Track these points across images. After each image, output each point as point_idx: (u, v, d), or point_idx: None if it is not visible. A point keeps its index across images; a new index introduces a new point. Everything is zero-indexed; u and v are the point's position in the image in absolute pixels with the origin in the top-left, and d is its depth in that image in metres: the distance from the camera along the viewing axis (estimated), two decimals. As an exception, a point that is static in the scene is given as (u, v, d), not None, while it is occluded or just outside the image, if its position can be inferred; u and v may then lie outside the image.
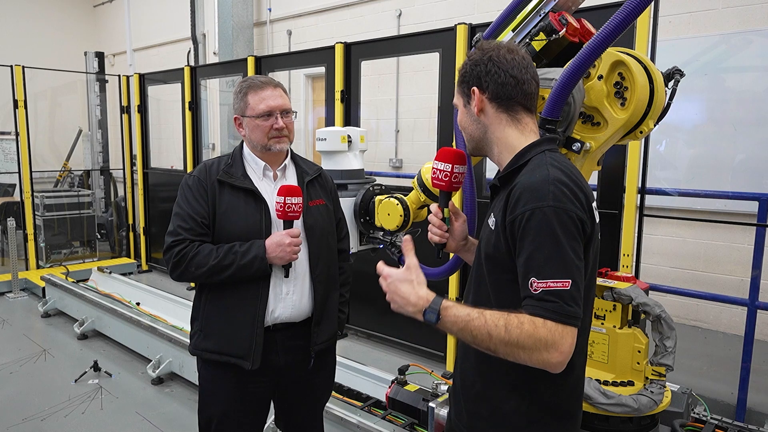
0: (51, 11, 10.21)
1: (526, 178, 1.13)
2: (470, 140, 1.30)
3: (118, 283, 5.03)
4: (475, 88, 1.24)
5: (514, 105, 1.24)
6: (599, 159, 1.65)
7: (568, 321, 1.04)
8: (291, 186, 1.71)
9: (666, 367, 1.80)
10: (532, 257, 1.06)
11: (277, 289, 1.75)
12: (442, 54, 3.66)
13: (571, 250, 1.06)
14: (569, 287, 1.04)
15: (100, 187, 7.54)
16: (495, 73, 1.22)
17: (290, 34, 7.23)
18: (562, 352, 1.04)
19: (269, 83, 1.77)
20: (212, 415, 1.80)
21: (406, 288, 1.18)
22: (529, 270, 1.07)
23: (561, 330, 1.03)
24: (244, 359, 1.70)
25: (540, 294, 1.05)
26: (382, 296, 1.25)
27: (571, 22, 1.57)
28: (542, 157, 1.18)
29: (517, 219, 1.10)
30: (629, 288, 1.86)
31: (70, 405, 3.25)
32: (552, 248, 1.05)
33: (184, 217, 1.71)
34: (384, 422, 2.54)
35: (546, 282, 1.04)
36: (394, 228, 2.12)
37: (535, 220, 1.07)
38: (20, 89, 5.77)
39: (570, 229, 1.07)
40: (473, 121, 1.27)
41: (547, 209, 1.07)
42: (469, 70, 1.26)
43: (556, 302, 1.04)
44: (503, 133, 1.24)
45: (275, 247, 1.67)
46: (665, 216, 3.88)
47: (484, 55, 1.24)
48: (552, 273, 1.05)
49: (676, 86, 1.63)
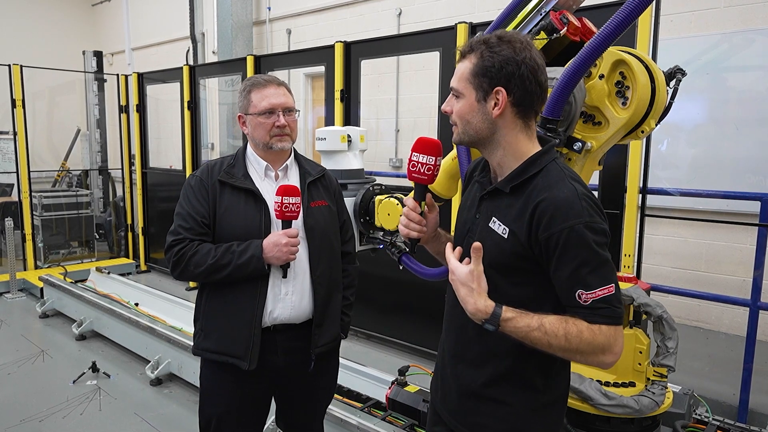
0: (49, 10, 10.18)
1: (555, 193, 1.13)
2: (472, 135, 1.22)
3: (116, 283, 5.02)
4: (503, 89, 1.16)
5: (531, 113, 1.21)
6: (600, 159, 1.64)
7: (620, 322, 1.14)
8: (289, 186, 1.70)
9: (668, 367, 1.79)
10: (577, 272, 1.12)
11: (276, 290, 1.74)
12: (442, 53, 3.65)
13: (606, 257, 1.14)
14: (614, 291, 1.12)
15: (99, 187, 7.52)
16: (527, 77, 1.15)
17: (290, 33, 7.21)
18: (615, 353, 1.14)
19: (272, 81, 1.79)
20: (212, 414, 1.81)
21: (464, 292, 1.18)
22: (574, 284, 1.12)
23: (614, 332, 1.13)
24: (241, 359, 1.70)
25: (591, 304, 1.11)
26: (382, 296, 1.25)
27: (572, 21, 1.57)
28: (555, 168, 1.18)
29: (554, 236, 1.12)
30: (631, 288, 1.85)
31: (69, 406, 3.23)
32: (594, 261, 1.11)
33: (185, 217, 1.72)
34: (384, 423, 2.53)
35: (595, 292, 1.11)
36: (394, 228, 2.11)
37: (574, 237, 1.11)
38: (18, 88, 5.75)
39: (602, 239, 1.13)
40: (485, 120, 1.19)
41: (583, 225, 1.11)
42: (497, 66, 1.15)
43: (607, 307, 1.12)
44: (515, 139, 1.21)
45: (272, 246, 1.67)
46: (667, 216, 3.86)
47: (518, 55, 1.15)
48: (598, 283, 1.11)
49: (678, 85, 1.63)
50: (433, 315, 3.79)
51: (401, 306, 4.07)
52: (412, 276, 2.12)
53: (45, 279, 4.99)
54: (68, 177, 7.80)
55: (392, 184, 3.28)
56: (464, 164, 1.66)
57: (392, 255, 2.18)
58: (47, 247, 6.16)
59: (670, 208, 4.00)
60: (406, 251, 2.16)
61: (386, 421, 2.59)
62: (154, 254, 6.52)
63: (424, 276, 2.05)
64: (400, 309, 4.09)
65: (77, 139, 8.16)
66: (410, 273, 2.11)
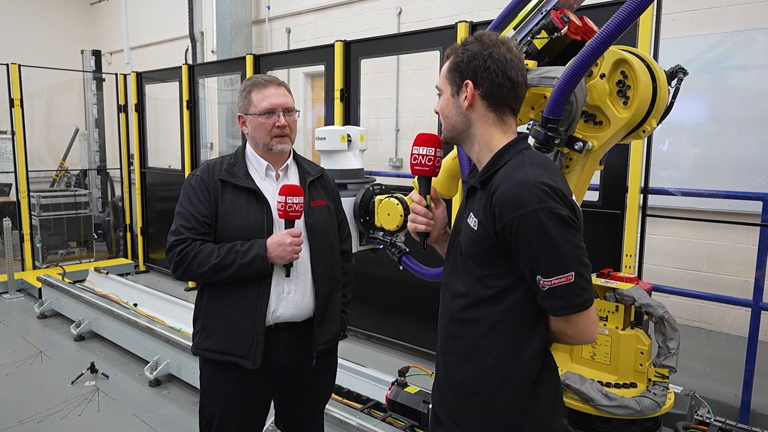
0: (47, 9, 10.16)
1: (507, 182, 1.15)
2: (450, 130, 1.29)
3: (115, 283, 5.01)
4: (470, 81, 1.22)
5: (504, 106, 1.24)
6: (602, 158, 1.63)
7: (583, 308, 1.15)
8: (292, 185, 1.72)
9: (669, 368, 1.78)
10: (533, 259, 1.13)
11: (278, 289, 1.75)
12: (442, 52, 3.62)
13: (565, 243, 1.11)
14: (573, 279, 1.12)
15: (97, 186, 7.50)
16: (493, 71, 1.21)
17: (289, 32, 7.19)
18: (589, 338, 1.20)
19: (273, 82, 1.80)
20: (213, 414, 1.81)
21: None
22: (533, 270, 1.13)
23: (583, 318, 1.16)
24: (245, 358, 1.71)
25: (548, 291, 1.13)
26: (382, 297, 1.24)
27: (573, 20, 1.56)
28: (519, 158, 1.19)
29: (507, 225, 1.14)
30: (632, 289, 1.84)
31: (67, 407, 3.22)
32: (548, 248, 1.11)
33: (186, 217, 1.73)
34: (384, 424, 2.53)
35: (551, 280, 1.12)
36: (394, 228, 2.10)
37: (525, 225, 1.11)
38: (16, 88, 5.74)
39: (559, 224, 1.11)
40: (458, 113, 1.26)
41: (533, 212, 1.10)
42: (466, 60, 1.23)
43: (566, 296, 1.12)
44: (487, 132, 1.25)
45: (276, 246, 1.68)
46: (668, 216, 3.85)
47: (485, 50, 1.21)
48: (555, 270, 1.11)
49: (680, 85, 1.61)
50: (433, 315, 3.74)
51: (401, 306, 4.07)
52: (412, 276, 2.12)
53: (43, 279, 4.99)
54: (66, 177, 7.78)
55: (392, 184, 3.27)
56: (464, 163, 1.66)
57: (392, 255, 2.18)
58: (45, 247, 6.14)
59: (671, 208, 3.99)
60: (406, 251, 2.15)
61: (386, 422, 2.59)
62: (153, 254, 6.51)
63: (424, 276, 2.05)
64: (400, 309, 4.08)
65: (76, 139, 8.14)
66: (410, 273, 2.11)
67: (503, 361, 1.21)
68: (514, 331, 1.21)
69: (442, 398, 1.35)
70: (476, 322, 1.24)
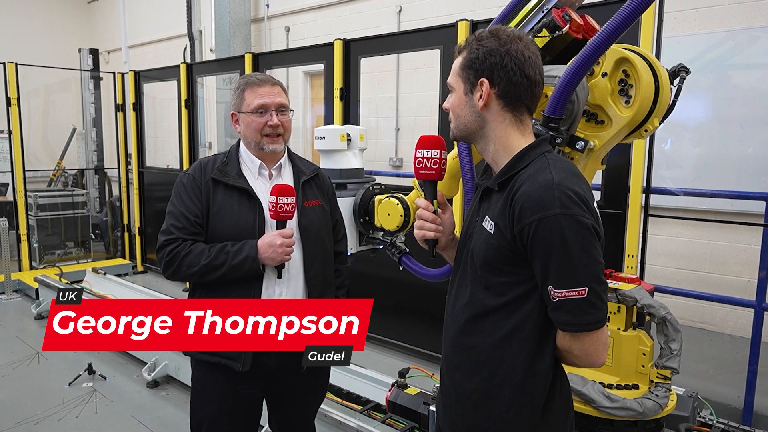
0: (44, 7, 10.13)
1: (531, 183, 1.10)
2: (462, 129, 1.23)
3: (112, 284, 4.99)
4: (486, 80, 1.16)
5: (521, 106, 1.19)
6: (603, 158, 1.62)
7: (592, 328, 1.10)
8: (284, 185, 1.69)
9: (671, 370, 1.77)
10: (546, 267, 1.08)
11: (269, 291, 1.73)
12: (443, 51, 3.62)
13: (584, 254, 1.07)
14: (585, 295, 1.07)
15: (95, 186, 7.47)
16: (510, 69, 1.14)
17: (288, 31, 7.17)
18: (598, 361, 1.14)
19: (267, 80, 1.78)
20: (204, 416, 1.80)
21: None
22: (545, 278, 1.09)
23: (591, 338, 1.12)
24: (234, 360, 1.69)
25: (557, 303, 1.08)
26: (382, 298, 1.21)
27: (575, 19, 1.55)
28: (543, 160, 1.14)
29: (525, 228, 1.08)
30: (634, 289, 1.83)
31: (64, 408, 3.20)
32: (564, 257, 1.06)
33: (177, 216, 1.71)
34: (384, 426, 2.52)
35: (561, 292, 1.07)
36: (394, 228, 2.08)
37: (543, 229, 1.06)
38: (13, 87, 5.71)
39: (579, 233, 1.07)
40: (472, 112, 1.20)
41: (555, 217, 1.05)
42: (481, 57, 1.16)
43: (575, 312, 1.08)
44: (504, 133, 1.19)
45: (267, 247, 1.66)
46: (670, 216, 3.84)
47: (501, 46, 1.15)
48: (568, 283, 1.07)
49: (682, 84, 1.61)
50: (434, 316, 3.76)
51: (401, 307, 4.05)
52: (413, 277, 2.10)
53: (40, 280, 4.97)
54: (64, 176, 7.75)
55: (392, 184, 3.24)
56: (465, 163, 1.63)
57: (392, 255, 2.16)
58: (42, 247, 6.11)
59: (673, 208, 3.97)
60: (407, 251, 2.13)
61: (386, 423, 2.57)
62: (151, 255, 6.49)
63: (425, 277, 2.03)
64: (400, 310, 4.06)
65: (73, 138, 8.11)
66: (410, 274, 2.09)
67: (515, 374, 1.16)
68: (527, 342, 1.15)
69: (446, 411, 1.30)
70: (487, 332, 1.18)
